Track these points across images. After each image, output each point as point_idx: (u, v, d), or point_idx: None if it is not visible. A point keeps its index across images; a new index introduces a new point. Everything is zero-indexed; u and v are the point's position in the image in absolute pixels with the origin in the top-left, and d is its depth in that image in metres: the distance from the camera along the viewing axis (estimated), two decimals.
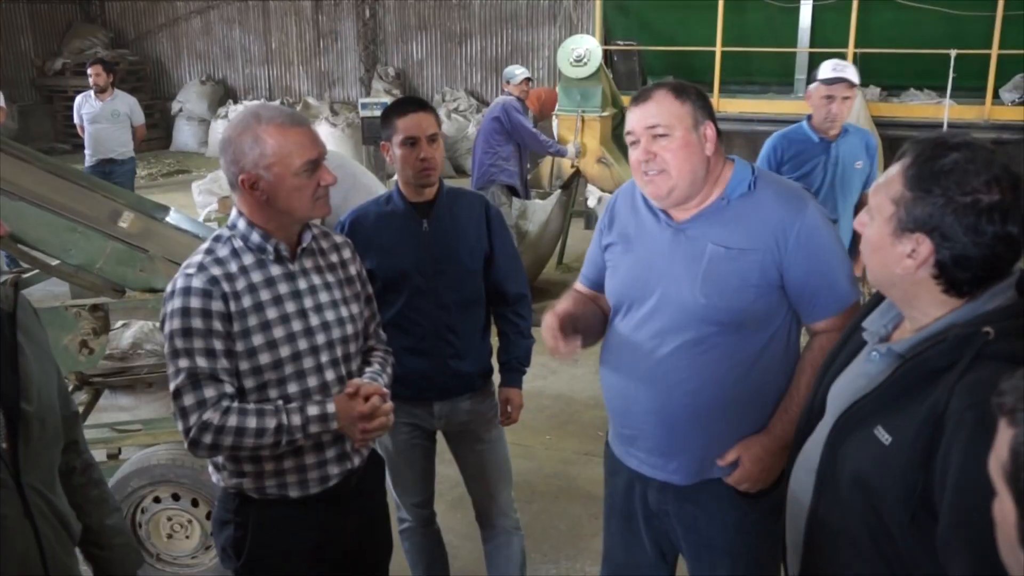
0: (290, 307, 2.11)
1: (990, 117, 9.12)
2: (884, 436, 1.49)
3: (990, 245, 1.42)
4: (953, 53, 8.73)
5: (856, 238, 2.37)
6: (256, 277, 2.09)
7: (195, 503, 3.40)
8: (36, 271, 3.44)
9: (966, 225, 1.41)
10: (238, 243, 2.11)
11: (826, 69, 4.28)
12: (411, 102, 2.83)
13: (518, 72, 7.61)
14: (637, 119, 2.10)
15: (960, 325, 1.44)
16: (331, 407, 2.07)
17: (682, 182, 2.07)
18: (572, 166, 7.89)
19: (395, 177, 2.90)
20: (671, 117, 2.06)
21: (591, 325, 2.33)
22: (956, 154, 1.44)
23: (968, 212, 1.41)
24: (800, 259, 2.06)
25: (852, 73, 4.25)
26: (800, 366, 2.15)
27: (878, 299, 1.71)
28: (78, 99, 8.28)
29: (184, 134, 16.26)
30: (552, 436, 4.88)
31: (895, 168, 1.52)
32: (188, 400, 2.00)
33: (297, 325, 2.11)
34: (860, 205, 4.21)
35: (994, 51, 9.31)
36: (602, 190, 7.78)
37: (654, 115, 2.07)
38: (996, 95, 9.48)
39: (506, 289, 2.99)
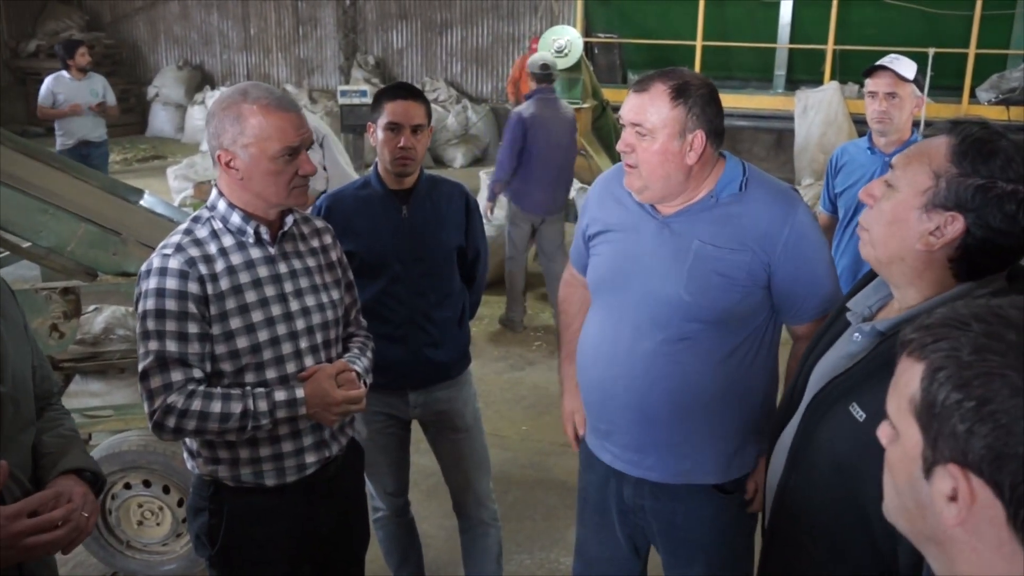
0: (270, 291, 2.08)
1: (967, 116, 9.20)
2: (859, 413, 1.49)
3: (1019, 236, 1.42)
4: (931, 52, 8.80)
5: None
6: (235, 259, 2.05)
7: (166, 490, 3.35)
8: (6, 253, 3.38)
9: (1005, 212, 1.40)
10: (217, 224, 2.07)
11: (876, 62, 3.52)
12: (404, 88, 2.80)
13: None
14: (628, 108, 2.04)
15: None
16: (299, 392, 2.04)
17: (653, 185, 2.04)
18: None
19: (374, 163, 2.87)
20: (658, 120, 1.99)
21: None
22: (1004, 140, 1.43)
23: (1010, 200, 1.40)
24: (788, 262, 2.04)
25: (903, 66, 3.41)
26: (788, 378, 2.13)
27: (864, 281, 1.70)
28: (50, 81, 7.84)
29: (160, 119, 16.05)
30: (528, 427, 4.88)
31: (935, 143, 1.48)
32: (154, 382, 1.97)
33: (276, 309, 2.08)
34: None
35: (972, 50, 9.40)
36: (582, 182, 7.76)
37: (641, 113, 2.01)
38: (973, 94, 9.57)
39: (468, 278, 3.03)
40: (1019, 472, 0.81)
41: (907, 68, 3.43)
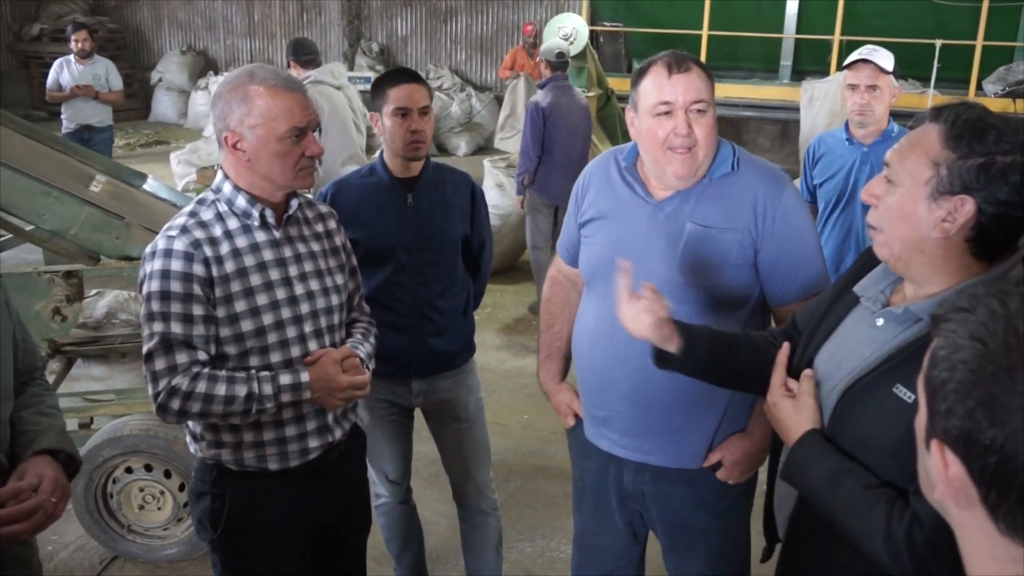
0: (274, 274, 2.07)
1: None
2: (905, 394, 1.47)
3: None
4: (938, 43, 8.76)
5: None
6: (240, 242, 2.04)
7: (168, 474, 3.36)
8: (9, 236, 3.38)
9: (1011, 184, 1.40)
10: (223, 207, 2.07)
11: (854, 54, 3.60)
12: (404, 73, 2.78)
13: None
14: (681, 91, 1.98)
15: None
16: (304, 376, 2.04)
17: (706, 161, 2.05)
18: None
19: (379, 151, 2.86)
20: (708, 92, 2.01)
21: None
22: (991, 116, 1.44)
23: (1013, 171, 1.40)
24: (776, 238, 2.06)
25: (882, 57, 3.49)
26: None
27: (863, 265, 1.69)
28: (56, 65, 8.01)
29: (163, 105, 16.03)
30: (530, 415, 4.88)
31: (926, 131, 1.48)
32: (159, 365, 1.97)
33: (281, 293, 2.07)
34: None
35: (979, 42, 9.36)
36: None
37: (698, 89, 1.99)
38: (979, 86, 9.53)
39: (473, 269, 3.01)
40: (985, 458, 0.83)
41: (886, 60, 3.49)
